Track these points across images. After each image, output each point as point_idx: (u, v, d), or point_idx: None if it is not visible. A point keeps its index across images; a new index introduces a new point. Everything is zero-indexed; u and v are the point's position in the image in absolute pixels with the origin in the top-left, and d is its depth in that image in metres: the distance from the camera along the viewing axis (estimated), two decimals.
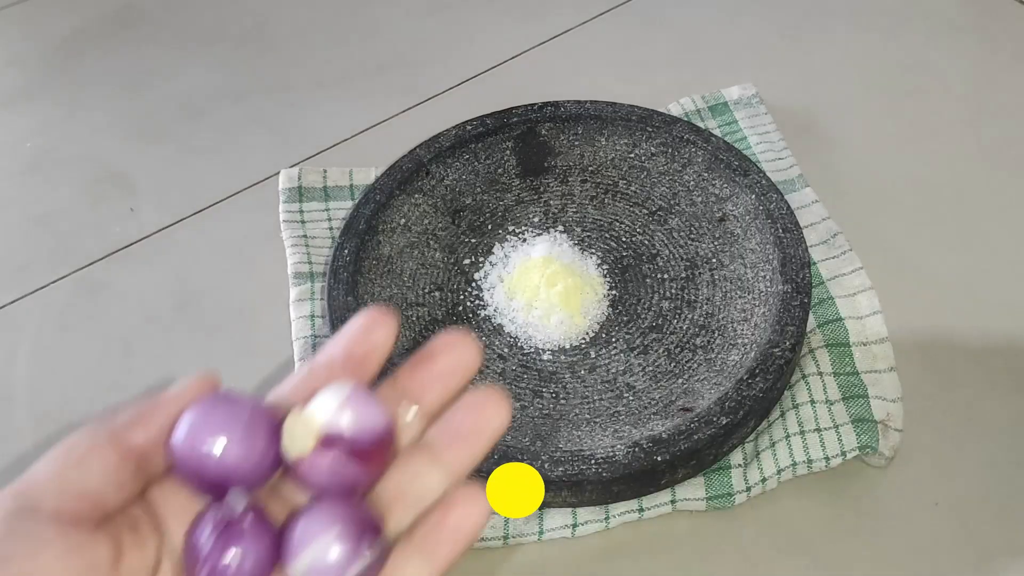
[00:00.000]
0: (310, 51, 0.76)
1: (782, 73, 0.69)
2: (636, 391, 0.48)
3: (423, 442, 0.25)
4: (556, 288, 0.51)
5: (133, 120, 0.71)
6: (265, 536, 0.23)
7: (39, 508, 0.21)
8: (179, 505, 0.24)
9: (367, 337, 0.25)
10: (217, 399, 0.24)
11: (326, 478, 0.23)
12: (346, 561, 0.23)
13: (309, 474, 0.23)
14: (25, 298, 0.59)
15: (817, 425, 0.46)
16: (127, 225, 0.63)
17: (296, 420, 0.23)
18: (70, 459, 0.23)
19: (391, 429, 0.24)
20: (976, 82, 0.67)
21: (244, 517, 0.23)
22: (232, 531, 0.23)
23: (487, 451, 0.25)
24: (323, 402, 0.23)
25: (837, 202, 0.58)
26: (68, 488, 0.22)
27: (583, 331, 0.51)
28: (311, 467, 0.23)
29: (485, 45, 0.74)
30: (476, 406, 0.25)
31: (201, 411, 0.23)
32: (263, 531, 0.23)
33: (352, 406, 0.23)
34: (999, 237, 0.57)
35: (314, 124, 0.69)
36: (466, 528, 0.24)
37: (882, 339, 0.49)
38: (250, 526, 0.23)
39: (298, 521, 0.23)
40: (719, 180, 0.55)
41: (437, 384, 0.25)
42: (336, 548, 0.23)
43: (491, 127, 0.58)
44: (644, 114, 0.58)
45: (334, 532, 0.23)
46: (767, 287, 0.50)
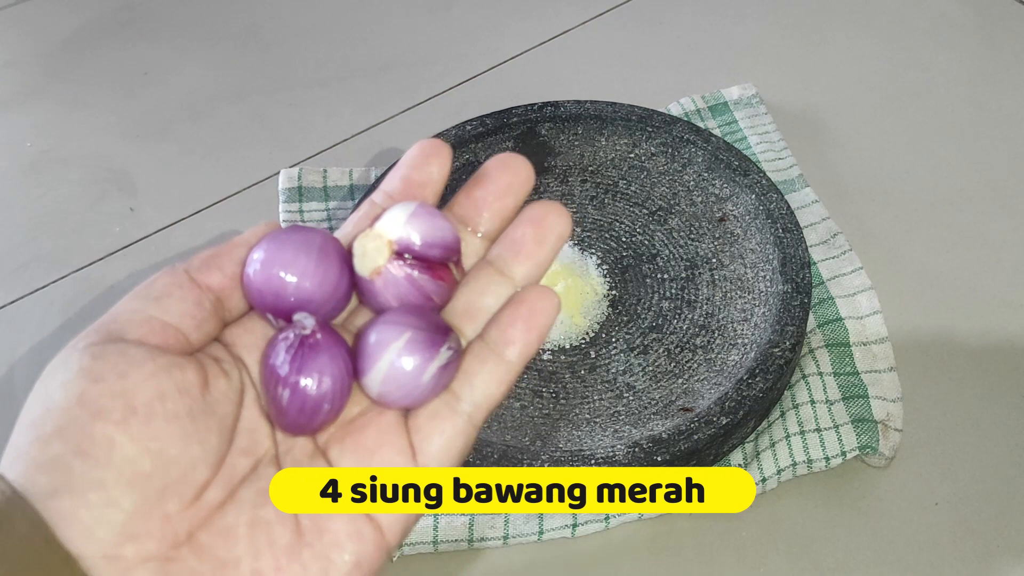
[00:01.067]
0: (310, 51, 0.76)
1: (782, 73, 0.69)
2: (636, 391, 0.48)
3: (487, 260, 0.26)
4: (556, 288, 0.51)
5: (133, 120, 0.71)
6: (340, 350, 0.23)
7: (125, 338, 0.22)
8: (254, 344, 0.24)
9: (423, 167, 0.26)
10: (289, 229, 0.24)
11: (401, 291, 0.23)
12: (422, 364, 0.22)
13: (384, 290, 0.23)
14: (25, 298, 0.59)
15: (817, 425, 0.46)
16: (127, 225, 0.63)
17: (367, 237, 0.24)
18: (150, 295, 0.23)
19: (458, 241, 0.24)
20: (976, 82, 0.67)
21: (316, 334, 0.23)
22: (307, 349, 0.22)
23: (552, 260, 0.25)
24: (392, 217, 0.24)
25: (837, 202, 0.58)
26: (151, 321, 0.23)
27: (583, 331, 0.51)
28: (385, 281, 0.23)
29: (485, 45, 0.75)
30: (536, 219, 0.25)
31: (275, 239, 0.23)
32: (337, 345, 0.23)
33: (419, 218, 0.24)
34: (999, 237, 0.57)
35: (314, 124, 0.69)
36: (538, 320, 0.24)
37: (882, 339, 0.49)
38: (324, 341, 0.23)
39: (369, 333, 0.23)
40: (719, 180, 0.55)
41: (495, 203, 0.26)
42: (410, 351, 0.22)
43: (491, 127, 0.58)
44: (644, 114, 0.58)
45: (406, 337, 0.22)
46: (767, 287, 0.50)
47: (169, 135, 0.70)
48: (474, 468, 0.31)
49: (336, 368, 0.23)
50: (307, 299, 0.23)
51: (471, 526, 0.44)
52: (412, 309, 0.23)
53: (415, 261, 0.23)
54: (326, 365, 0.23)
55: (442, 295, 0.24)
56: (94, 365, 0.21)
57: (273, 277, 0.23)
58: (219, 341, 0.24)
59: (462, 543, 0.44)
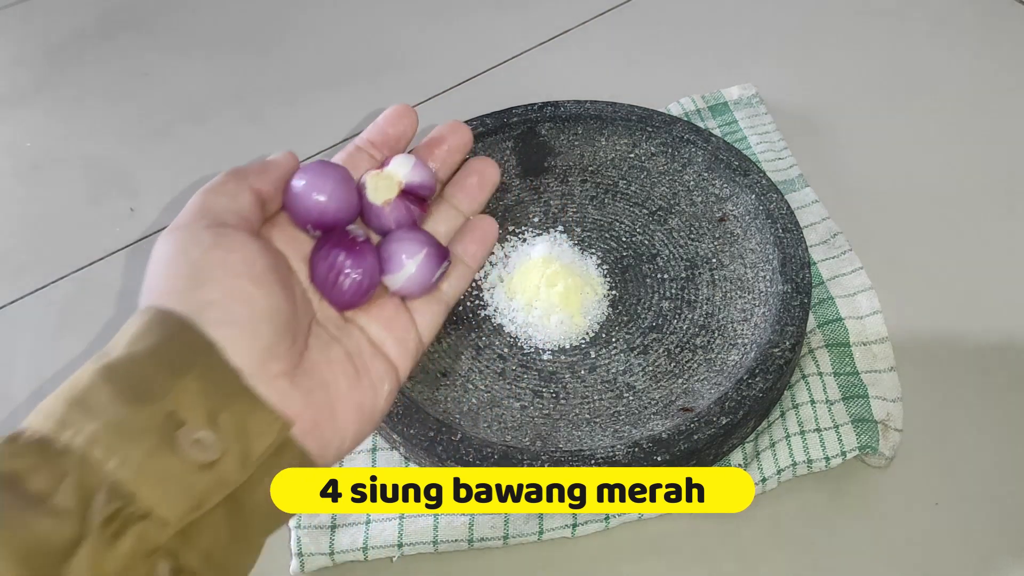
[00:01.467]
0: (310, 51, 0.76)
1: (782, 73, 0.69)
2: (636, 391, 0.48)
3: (443, 197, 0.36)
4: (556, 288, 0.51)
5: (133, 120, 0.71)
6: (374, 254, 0.32)
7: (226, 223, 0.29)
8: (287, 240, 0.32)
9: (397, 123, 0.35)
10: (320, 164, 0.32)
11: (400, 216, 0.34)
12: (431, 272, 0.33)
13: (389, 215, 0.33)
14: (25, 298, 0.59)
15: (817, 425, 0.46)
16: (127, 225, 0.63)
17: (380, 177, 0.33)
18: (226, 192, 0.30)
19: (435, 186, 0.35)
20: (976, 82, 0.67)
21: (366, 241, 0.32)
22: (359, 250, 0.32)
23: (489, 198, 0.37)
24: (398, 164, 0.34)
25: (837, 202, 0.58)
26: (236, 211, 0.30)
27: (583, 331, 0.51)
28: (392, 209, 0.33)
29: (485, 45, 0.75)
30: (479, 170, 0.37)
31: (311, 171, 0.32)
32: (373, 250, 0.32)
33: (418, 169, 0.34)
34: (999, 237, 0.57)
35: (314, 124, 0.69)
36: (488, 239, 0.36)
37: (882, 339, 0.49)
38: (368, 247, 0.32)
39: (393, 245, 0.33)
40: (719, 180, 0.55)
41: (449, 159, 0.36)
42: (426, 263, 0.33)
43: (491, 127, 0.58)
44: (644, 114, 0.58)
45: (424, 252, 0.33)
46: (767, 287, 0.50)
47: (169, 135, 0.70)
48: (474, 468, 0.31)
49: (375, 266, 0.32)
50: (340, 218, 0.32)
51: (471, 526, 0.44)
52: (420, 232, 0.33)
53: (411, 197, 0.34)
54: (372, 264, 0.32)
55: (422, 220, 0.35)
56: (221, 240, 0.28)
57: (313, 200, 0.32)
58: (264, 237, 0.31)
59: (462, 543, 0.44)
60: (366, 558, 0.44)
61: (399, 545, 0.44)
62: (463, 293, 0.36)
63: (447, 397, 0.48)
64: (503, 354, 0.51)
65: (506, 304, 0.52)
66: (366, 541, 0.44)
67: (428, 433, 0.44)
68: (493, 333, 0.52)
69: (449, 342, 0.51)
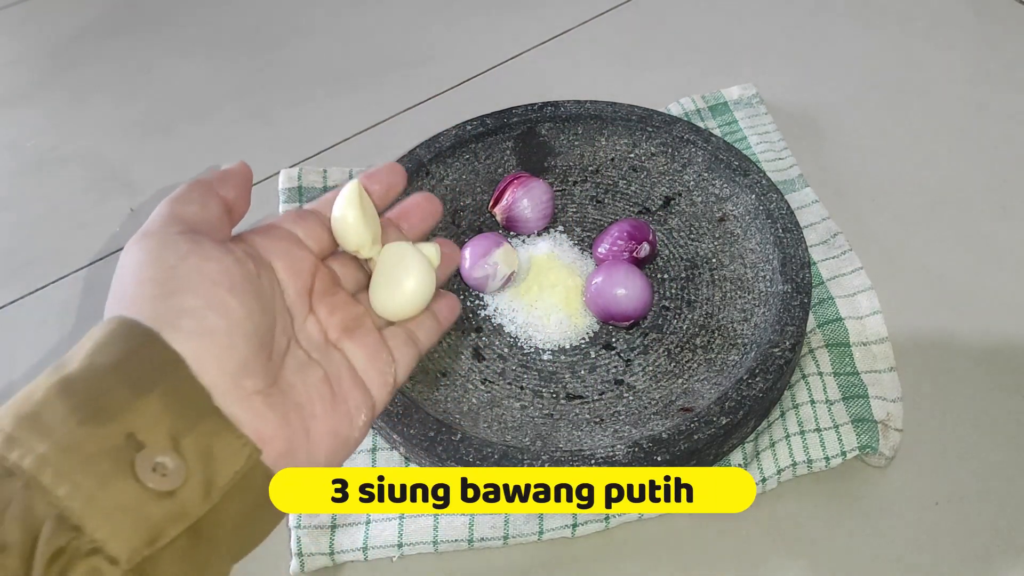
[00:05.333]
0: (310, 51, 0.76)
1: (782, 73, 0.69)
2: (636, 391, 0.48)
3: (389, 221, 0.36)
4: (556, 288, 0.51)
5: (134, 120, 0.71)
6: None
7: (200, 232, 0.28)
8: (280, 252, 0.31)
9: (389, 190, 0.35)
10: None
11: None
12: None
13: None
14: (25, 298, 0.59)
15: (817, 425, 0.46)
16: (127, 225, 0.63)
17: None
18: (194, 200, 0.29)
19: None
20: (976, 82, 0.67)
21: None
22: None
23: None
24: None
25: (837, 202, 0.58)
26: (207, 220, 0.29)
27: (583, 331, 0.51)
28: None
29: (485, 45, 0.75)
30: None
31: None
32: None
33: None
34: (999, 237, 0.57)
35: (314, 124, 0.69)
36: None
37: (882, 339, 0.49)
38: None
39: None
40: (719, 180, 0.55)
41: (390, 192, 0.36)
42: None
43: (491, 127, 0.58)
44: (644, 114, 0.58)
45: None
46: (767, 287, 0.50)
47: (170, 134, 0.70)
48: (481, 468, 0.31)
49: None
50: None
51: (471, 526, 0.44)
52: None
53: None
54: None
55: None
56: (196, 248, 0.27)
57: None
58: (249, 244, 0.30)
59: (462, 543, 0.44)
60: (366, 558, 0.44)
61: (399, 545, 0.44)
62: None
63: (447, 397, 0.48)
64: (503, 354, 0.51)
65: (506, 304, 0.52)
66: (366, 541, 0.44)
67: (428, 433, 0.44)
68: (493, 333, 0.52)
69: (449, 342, 0.51)
